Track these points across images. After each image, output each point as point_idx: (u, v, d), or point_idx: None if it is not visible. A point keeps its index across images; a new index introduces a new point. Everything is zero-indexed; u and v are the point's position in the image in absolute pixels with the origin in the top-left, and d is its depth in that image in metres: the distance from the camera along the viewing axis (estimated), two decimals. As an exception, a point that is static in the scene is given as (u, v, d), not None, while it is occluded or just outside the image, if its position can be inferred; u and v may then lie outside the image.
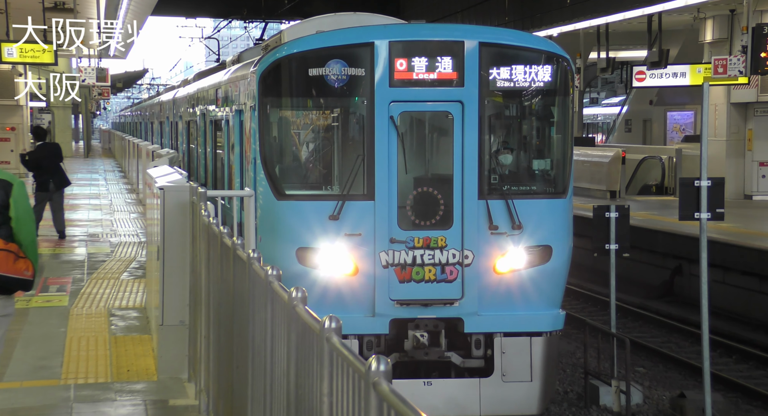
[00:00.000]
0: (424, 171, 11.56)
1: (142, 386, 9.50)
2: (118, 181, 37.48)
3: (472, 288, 11.07)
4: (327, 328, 4.20)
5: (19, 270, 7.40)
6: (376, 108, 10.97)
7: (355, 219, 10.93)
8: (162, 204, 9.76)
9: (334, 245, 10.92)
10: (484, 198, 11.09)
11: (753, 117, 29.72)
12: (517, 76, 11.23)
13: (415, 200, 11.11)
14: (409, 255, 11.02)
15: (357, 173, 11.00)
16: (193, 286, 9.23)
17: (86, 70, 32.19)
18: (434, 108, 11.29)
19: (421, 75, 11.04)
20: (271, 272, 5.50)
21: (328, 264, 10.96)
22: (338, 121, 11.45)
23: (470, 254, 11.07)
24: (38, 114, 49.83)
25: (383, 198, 10.96)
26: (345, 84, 11.03)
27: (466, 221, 11.07)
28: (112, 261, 17.30)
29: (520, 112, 11.79)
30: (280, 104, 11.57)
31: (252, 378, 6.19)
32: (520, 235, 11.15)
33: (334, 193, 11.13)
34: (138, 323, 12.24)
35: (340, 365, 4.02)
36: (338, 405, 4.09)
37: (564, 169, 11.57)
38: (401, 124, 11.20)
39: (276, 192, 11.15)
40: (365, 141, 11.02)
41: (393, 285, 11.02)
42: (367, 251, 10.96)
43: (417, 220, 11.08)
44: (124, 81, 75.21)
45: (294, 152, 11.83)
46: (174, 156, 18.57)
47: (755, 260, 18.89)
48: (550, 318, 11.35)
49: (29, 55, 25.94)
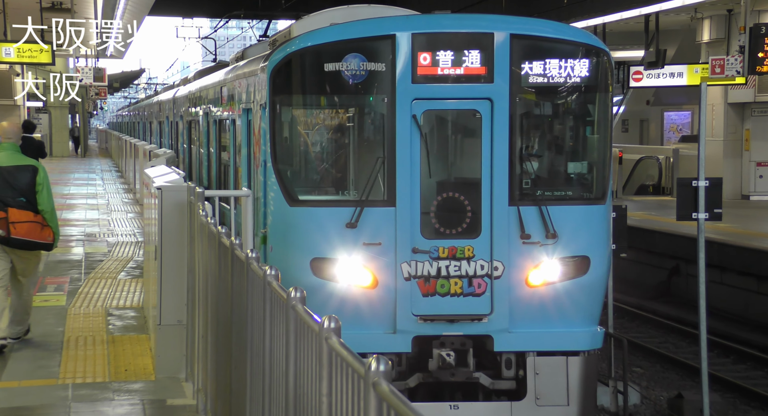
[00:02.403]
0: (450, 174, 10.76)
1: (139, 385, 9.49)
2: (115, 181, 37.45)
3: (502, 302, 10.22)
4: (326, 328, 4.20)
5: (44, 236, 10.48)
6: (398, 106, 10.17)
7: (375, 227, 10.15)
8: (159, 204, 9.75)
9: (351, 255, 10.13)
10: (515, 204, 10.24)
11: (750, 117, 29.74)
12: (551, 70, 10.39)
13: (440, 206, 10.31)
14: (434, 266, 10.19)
15: (376, 177, 10.21)
16: (191, 286, 9.22)
17: (83, 69, 32.20)
18: (461, 106, 10.45)
19: (446, 70, 10.22)
20: (269, 272, 5.50)
21: (345, 276, 10.15)
22: (356, 120, 10.70)
23: (500, 265, 10.22)
24: (35, 113, 49.78)
25: (405, 204, 10.16)
26: (363, 80, 10.24)
27: (496, 229, 10.23)
28: (110, 260, 17.29)
29: (554, 110, 10.94)
30: (293, 102, 10.82)
31: (250, 378, 6.19)
32: (554, 245, 10.32)
33: (351, 199, 10.33)
34: (135, 323, 12.23)
35: (340, 365, 4.01)
36: (337, 406, 4.08)
37: (602, 173, 10.72)
38: (425, 124, 10.41)
39: (288, 197, 10.35)
40: (385, 142, 10.23)
41: (416, 299, 10.19)
42: (388, 262, 10.17)
43: (442, 228, 10.27)
44: (121, 81, 75.23)
45: (308, 154, 10.91)
46: (171, 156, 18.56)
47: (753, 260, 18.90)
48: (588, 336, 10.47)
49: (27, 54, 25.92)
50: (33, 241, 10.44)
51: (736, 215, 23.57)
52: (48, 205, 10.50)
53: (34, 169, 10.51)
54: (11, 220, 10.25)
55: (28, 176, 10.44)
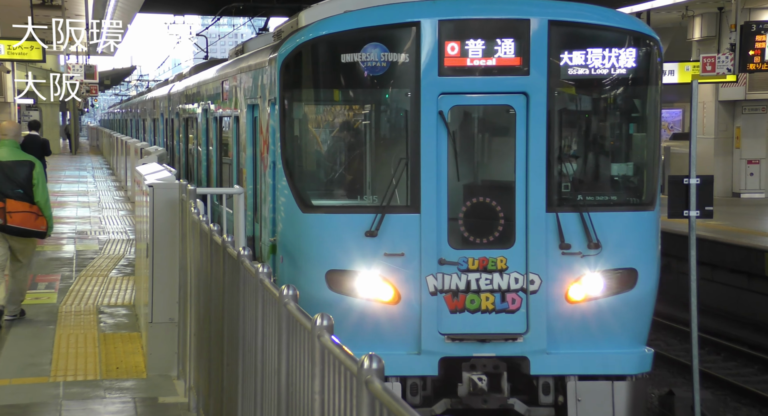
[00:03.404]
0: (480, 177, 9.80)
1: (131, 383, 9.48)
2: (107, 178, 37.39)
3: (539, 320, 9.24)
4: (318, 326, 4.20)
5: (38, 225, 11.45)
6: (422, 101, 9.24)
7: (397, 236, 9.22)
8: (151, 201, 9.74)
9: (371, 267, 9.22)
10: (553, 210, 9.29)
11: (741, 115, 29.80)
12: (594, 61, 9.43)
13: (469, 213, 9.38)
14: (462, 279, 9.26)
15: (399, 180, 9.29)
16: (183, 283, 9.21)
17: (74, 67, 32.13)
18: (493, 101, 9.48)
19: (476, 61, 9.27)
20: (262, 269, 5.50)
21: (364, 290, 9.23)
22: (375, 117, 9.82)
23: (537, 278, 9.24)
24: (26, 111, 49.69)
25: (430, 210, 9.23)
26: (384, 73, 9.32)
27: (532, 238, 9.27)
28: (101, 258, 17.26)
29: (597, 105, 9.93)
30: (306, 97, 9.88)
31: (242, 375, 6.19)
32: (598, 256, 9.32)
33: (370, 205, 9.42)
34: (127, 320, 12.22)
35: (332, 363, 4.01)
36: (330, 403, 4.08)
37: (651, 175, 9.72)
38: (452, 121, 9.45)
39: (301, 203, 9.44)
40: (408, 141, 9.31)
41: (443, 316, 9.24)
42: (411, 274, 9.22)
43: (471, 237, 9.34)
44: (112, 78, 75.11)
45: (322, 155, 10.01)
46: (163, 153, 18.53)
47: (743, 257, 18.94)
48: (635, 358, 9.47)
49: (17, 52, 25.87)
50: (28, 229, 11.44)
51: (726, 213, 23.62)
52: (43, 197, 11.49)
53: (31, 164, 11.51)
54: (8, 210, 11.24)
55: (26, 170, 11.44)
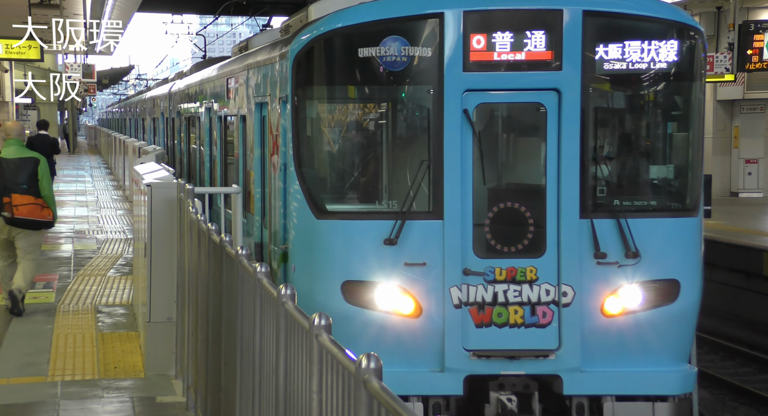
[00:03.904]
0: (507, 180, 9.16)
1: (129, 383, 9.48)
2: (105, 178, 37.39)
3: (572, 335, 8.59)
4: (316, 325, 4.19)
5: (44, 216, 12.19)
6: (446, 99, 8.60)
7: (418, 244, 8.61)
8: (149, 201, 9.74)
9: (390, 278, 8.60)
10: (587, 216, 8.63)
11: (739, 114, 29.83)
12: (632, 54, 8.74)
13: (496, 219, 8.72)
14: (489, 291, 8.62)
15: (420, 184, 8.67)
16: (181, 283, 9.21)
17: (72, 66, 32.13)
18: (522, 98, 8.85)
19: (504, 55, 8.62)
20: (260, 269, 5.49)
21: (383, 303, 8.61)
22: (395, 116, 9.25)
23: (569, 290, 8.59)
24: (24, 110, 49.66)
25: (454, 216, 8.60)
26: (404, 68, 8.69)
27: (564, 246, 8.63)
28: (99, 258, 17.26)
29: (635, 102, 9.25)
30: (320, 95, 9.28)
31: (240, 375, 6.18)
32: (636, 266, 8.65)
33: (390, 210, 8.80)
34: (125, 320, 12.21)
35: (330, 362, 4.01)
36: (328, 403, 4.08)
37: (693, 178, 9.03)
38: (478, 120, 8.81)
39: (315, 208, 8.82)
40: (431, 142, 8.69)
41: (468, 330, 8.61)
42: (434, 285, 8.59)
43: (498, 245, 8.69)
44: (110, 77, 75.11)
45: (338, 157, 9.41)
46: (161, 152, 18.52)
47: (741, 257, 18.95)
48: (678, 377, 8.78)
49: (15, 51, 25.85)
50: (34, 220, 12.17)
51: (724, 212, 23.62)
52: (48, 190, 12.27)
53: (36, 161, 12.26)
54: (14, 204, 12.04)
55: (31, 167, 12.18)
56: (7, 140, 12.50)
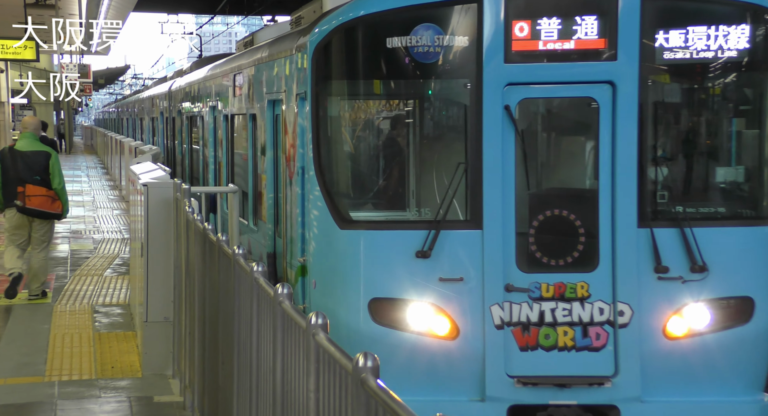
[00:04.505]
0: (555, 185, 8.34)
1: (126, 383, 9.48)
2: (101, 178, 37.37)
3: (631, 360, 7.64)
4: (313, 324, 4.19)
5: (55, 208, 12.95)
6: (485, 94, 7.71)
7: (454, 257, 7.73)
8: (146, 200, 9.74)
9: (423, 295, 7.72)
10: (647, 224, 7.69)
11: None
12: (697, 42, 7.72)
13: (542, 228, 7.82)
14: (534, 309, 7.72)
15: (456, 189, 7.77)
16: (178, 283, 9.21)
17: (68, 66, 32.12)
18: (571, 92, 7.88)
19: (551, 44, 7.69)
20: (256, 268, 5.49)
21: (416, 323, 7.71)
22: (427, 113, 8.41)
23: (627, 309, 7.66)
24: (20, 110, 49.62)
25: (495, 225, 7.70)
26: (438, 60, 7.83)
27: (620, 259, 7.69)
28: (96, 258, 17.25)
29: (700, 96, 8.26)
30: (344, 90, 8.42)
31: (237, 374, 6.18)
32: (703, 281, 7.72)
33: (422, 219, 7.97)
34: (122, 320, 12.21)
35: (327, 361, 4.01)
36: (325, 402, 4.08)
37: (767, 182, 8.05)
38: (521, 117, 7.90)
39: (338, 217, 7.95)
40: (468, 142, 7.81)
41: (511, 354, 7.69)
42: (472, 303, 7.69)
43: (545, 258, 7.79)
44: (106, 77, 75.08)
45: (363, 159, 8.65)
46: (157, 152, 18.52)
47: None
48: (753, 409, 7.79)
49: (11, 51, 25.82)
50: (45, 211, 12.89)
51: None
52: (59, 183, 12.94)
53: (48, 155, 12.97)
54: (27, 194, 12.74)
55: (43, 160, 12.89)
56: (23, 133, 13.30)
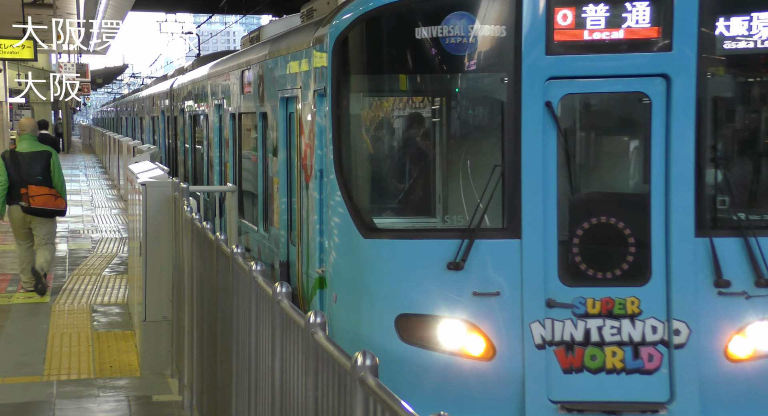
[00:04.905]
0: (601, 188, 7.59)
1: (125, 382, 9.48)
2: (99, 177, 37.36)
3: (688, 384, 6.94)
4: (312, 323, 4.20)
5: (57, 205, 13.43)
6: (524, 89, 7.00)
7: (490, 269, 7.05)
8: (144, 199, 9.74)
9: (455, 310, 7.04)
10: (705, 233, 6.98)
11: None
12: (762, 30, 6.97)
13: (588, 237, 7.09)
14: (579, 327, 7.01)
15: (492, 194, 7.06)
16: (176, 282, 9.21)
17: (66, 65, 32.11)
18: (620, 87, 7.12)
19: (597, 34, 6.95)
20: (255, 267, 5.49)
21: (448, 342, 7.04)
22: (459, 111, 7.70)
23: (683, 327, 6.96)
24: (18, 109, 49.60)
25: (535, 234, 7.01)
26: (472, 52, 7.10)
27: (675, 272, 6.98)
28: (94, 257, 17.25)
29: (766, 91, 7.47)
30: (368, 86, 7.71)
31: (236, 373, 6.19)
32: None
33: (454, 227, 7.25)
34: (120, 319, 12.21)
35: (326, 360, 4.01)
36: (324, 400, 4.08)
37: None
38: (563, 115, 7.18)
39: (361, 225, 7.27)
40: (505, 142, 7.09)
41: (554, 376, 7.02)
42: (510, 320, 7.01)
43: (591, 270, 7.07)
44: (104, 76, 75.03)
45: (389, 161, 7.95)
46: (155, 151, 18.52)
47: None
48: None
49: (8, 50, 25.81)
50: (49, 209, 13.33)
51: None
52: (60, 181, 13.38)
53: (48, 154, 13.39)
54: (31, 194, 13.14)
55: (44, 159, 13.30)
56: (21, 135, 13.63)
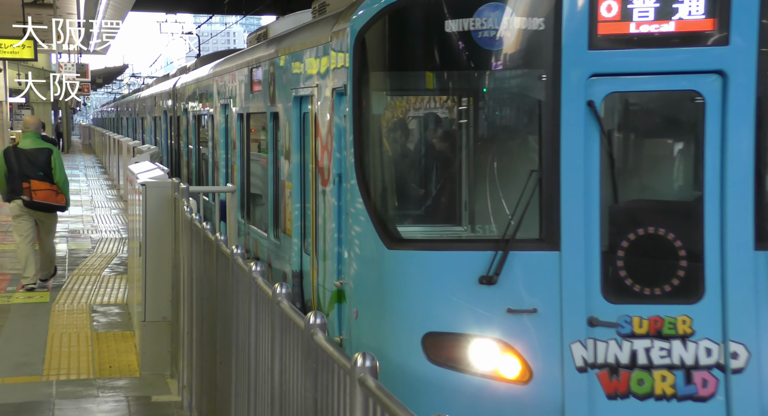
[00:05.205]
0: (648, 196, 7.01)
1: (124, 382, 9.48)
2: (99, 177, 37.36)
3: (748, 413, 6.36)
4: (312, 324, 4.19)
5: (59, 200, 13.68)
6: (564, 87, 6.44)
7: (526, 284, 6.49)
8: (144, 200, 9.74)
9: (488, 329, 6.49)
10: (765, 246, 6.39)
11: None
12: None
13: (634, 249, 6.52)
14: (625, 348, 6.43)
15: (529, 202, 6.50)
16: (176, 282, 9.21)
17: (66, 65, 32.12)
18: (670, 85, 6.51)
19: (645, 26, 6.36)
20: (255, 268, 5.49)
21: (480, 363, 6.50)
22: (493, 111, 7.06)
23: (742, 350, 6.37)
24: (18, 109, 49.60)
25: (575, 245, 6.45)
26: (507, 46, 6.55)
27: (732, 288, 6.40)
28: (94, 257, 17.24)
29: None
30: (394, 83, 7.16)
31: (235, 374, 6.18)
32: None
33: (487, 237, 6.74)
34: (120, 319, 12.20)
35: (326, 361, 4.01)
36: (323, 401, 4.08)
37: None
38: (607, 116, 6.62)
39: (385, 234, 6.73)
40: (542, 145, 6.54)
41: (597, 403, 6.45)
42: (548, 340, 6.46)
43: (637, 286, 6.52)
44: (104, 77, 75.08)
45: (416, 165, 7.35)
46: (155, 152, 18.51)
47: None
48: None
49: (9, 50, 25.82)
50: (50, 204, 13.61)
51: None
52: (61, 177, 13.69)
53: (50, 151, 13.76)
54: (33, 189, 13.46)
55: (46, 156, 13.64)
56: (25, 132, 14.00)
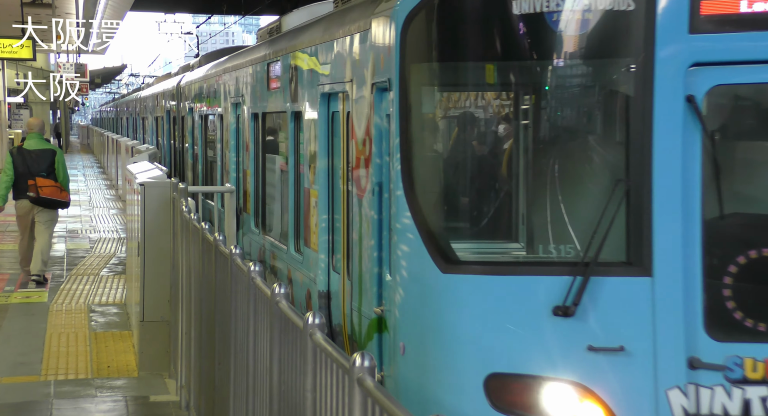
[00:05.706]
0: (761, 210, 5.98)
1: (122, 382, 9.47)
2: (97, 177, 37.34)
3: None
4: (310, 324, 4.19)
5: (63, 197, 14.43)
6: (658, 79, 5.45)
7: (611, 316, 5.48)
8: (142, 200, 9.74)
9: (564, 370, 5.49)
10: None
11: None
12: None
13: (744, 276, 5.53)
14: (735, 397, 5.42)
15: (614, 217, 5.50)
16: (174, 282, 9.20)
17: (65, 65, 32.12)
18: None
19: (759, 4, 5.40)
20: (254, 268, 5.49)
21: (555, 411, 5.49)
22: (570, 109, 5.94)
23: None
24: (16, 109, 49.57)
25: (672, 270, 5.46)
26: (588, 32, 5.60)
27: None
28: (92, 257, 17.24)
29: None
30: (448, 77, 6.05)
31: (234, 374, 6.18)
32: None
33: (563, 259, 5.68)
34: (118, 319, 12.20)
35: (324, 361, 4.01)
36: (322, 401, 4.08)
37: None
38: (711, 113, 5.57)
39: (438, 255, 5.74)
40: (630, 150, 5.55)
41: None
42: (639, 385, 5.46)
43: (749, 320, 5.52)
44: (103, 76, 75.10)
45: (477, 175, 6.13)
46: (154, 152, 18.51)
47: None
48: None
49: (7, 50, 25.82)
50: (55, 200, 14.35)
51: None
52: (64, 176, 14.44)
53: (53, 152, 14.50)
54: (39, 185, 14.17)
55: (49, 157, 14.34)
56: (29, 133, 14.59)
